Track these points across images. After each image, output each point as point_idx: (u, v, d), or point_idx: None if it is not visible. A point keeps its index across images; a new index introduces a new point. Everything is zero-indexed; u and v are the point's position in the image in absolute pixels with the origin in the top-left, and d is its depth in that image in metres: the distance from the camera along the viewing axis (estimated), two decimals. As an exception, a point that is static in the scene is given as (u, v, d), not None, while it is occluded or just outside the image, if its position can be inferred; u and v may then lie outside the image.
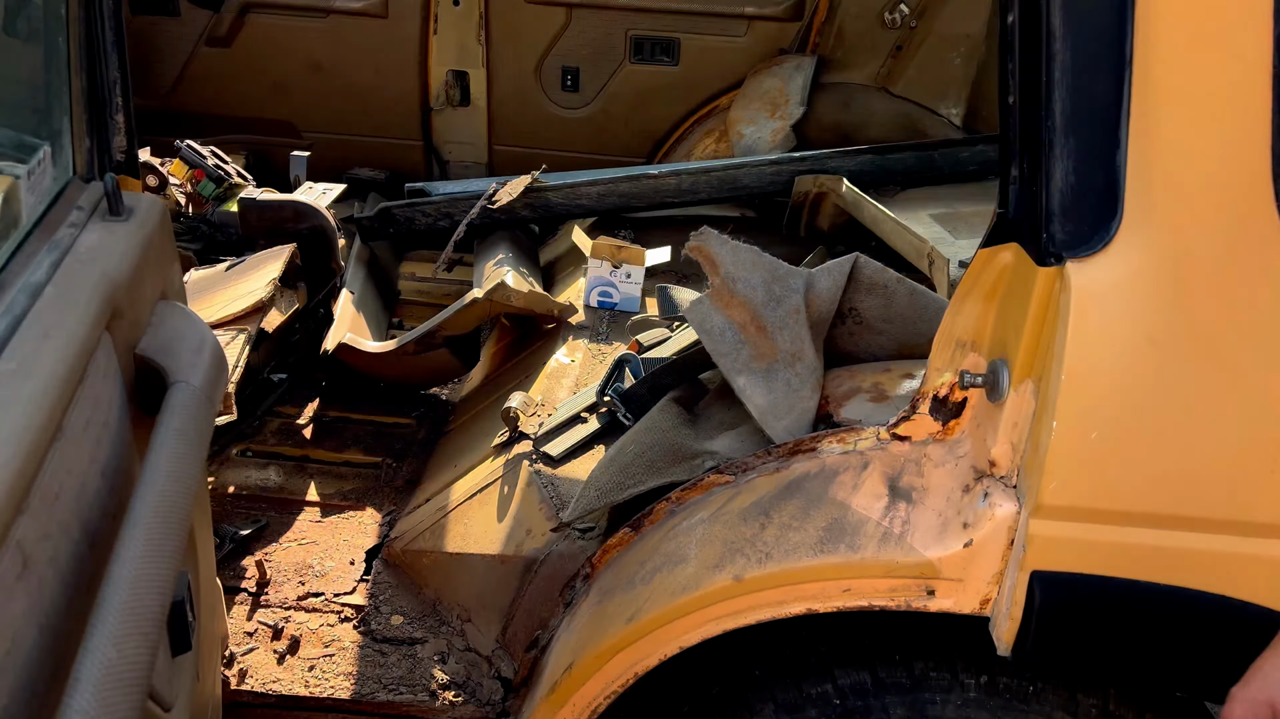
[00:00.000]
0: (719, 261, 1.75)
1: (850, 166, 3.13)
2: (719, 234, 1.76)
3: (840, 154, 3.16)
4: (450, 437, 2.66)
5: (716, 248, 1.76)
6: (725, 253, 1.76)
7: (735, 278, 1.75)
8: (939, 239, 2.62)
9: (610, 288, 2.83)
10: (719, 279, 1.75)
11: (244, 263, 2.62)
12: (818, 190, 3.13)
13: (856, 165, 3.13)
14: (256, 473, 2.52)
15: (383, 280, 3.41)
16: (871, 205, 2.84)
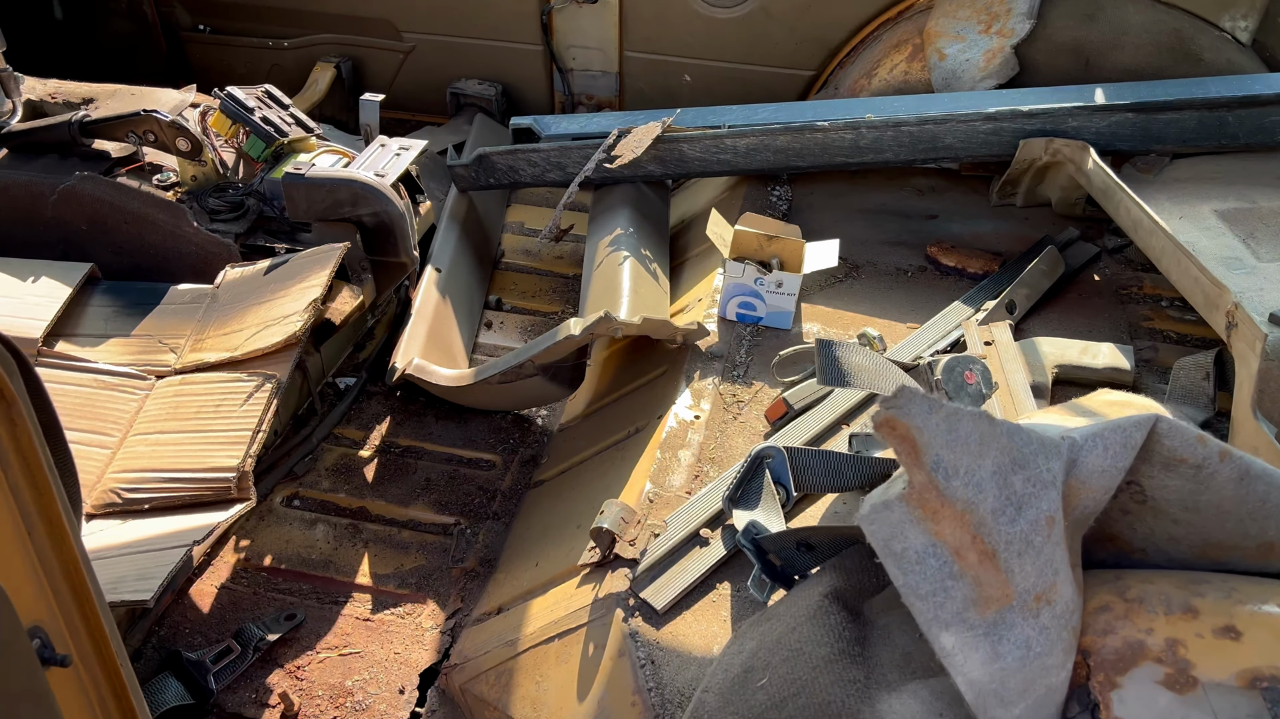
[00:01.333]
0: (924, 445, 1.05)
1: (1099, 128, 2.26)
2: (926, 397, 1.05)
3: (1085, 110, 2.28)
4: (541, 492, 2.09)
5: (921, 421, 1.05)
6: (935, 428, 1.05)
7: (951, 469, 1.05)
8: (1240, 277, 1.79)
9: (754, 299, 2.13)
10: (923, 473, 1.06)
11: (286, 264, 2.06)
12: (1050, 160, 2.29)
13: (1109, 126, 2.26)
14: (300, 534, 2.03)
15: (481, 238, 2.80)
16: (1128, 199, 2.01)
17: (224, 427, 1.78)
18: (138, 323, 2.04)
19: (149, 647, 1.80)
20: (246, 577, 1.95)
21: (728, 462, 1.82)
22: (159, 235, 2.19)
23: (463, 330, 2.46)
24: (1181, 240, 1.89)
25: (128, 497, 1.73)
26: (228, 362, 1.90)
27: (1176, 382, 1.89)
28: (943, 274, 2.33)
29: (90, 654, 1.18)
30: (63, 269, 2.11)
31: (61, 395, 1.88)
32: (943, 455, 1.06)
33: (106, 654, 1.19)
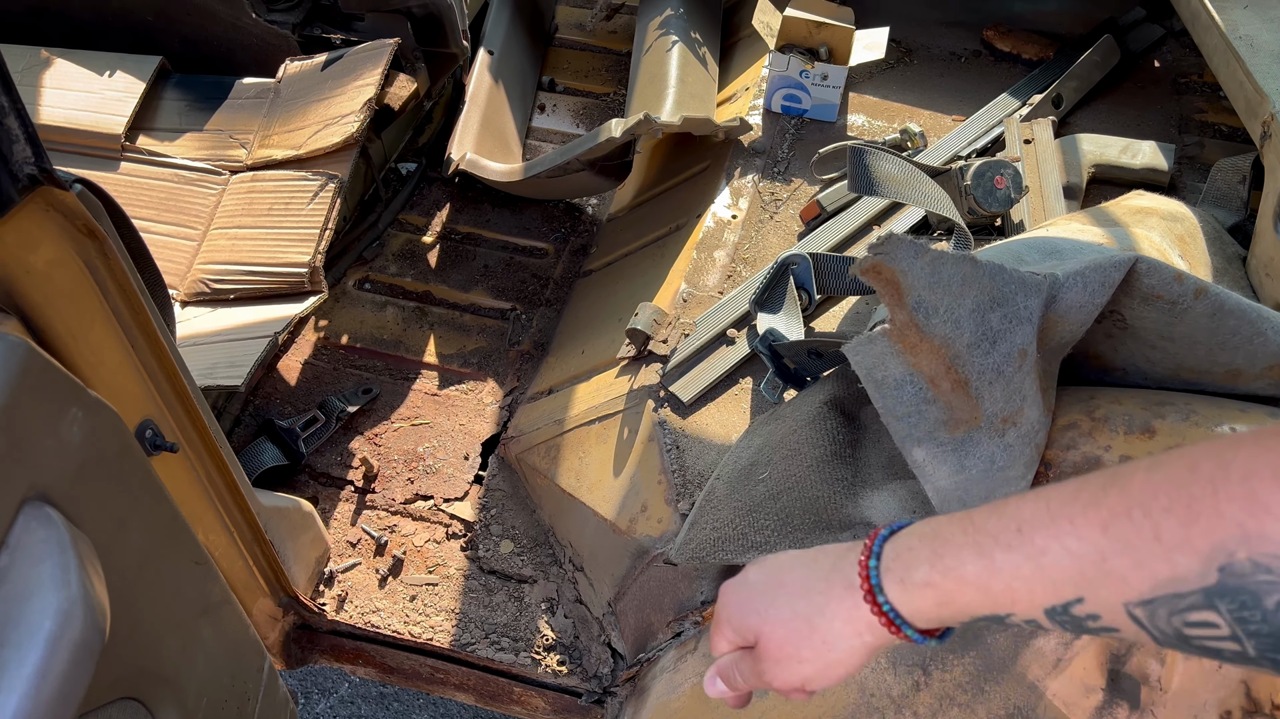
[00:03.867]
0: (908, 288, 1.15)
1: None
2: (913, 243, 1.13)
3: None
4: (589, 282, 2.24)
5: (906, 264, 1.14)
6: (919, 272, 1.14)
7: (931, 309, 1.15)
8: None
9: (799, 91, 2.14)
10: (904, 313, 1.16)
11: (341, 61, 2.13)
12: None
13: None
14: (372, 316, 2.23)
15: (534, 14, 2.79)
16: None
17: (294, 224, 1.94)
18: (208, 117, 2.16)
19: (246, 414, 2.06)
20: (326, 353, 2.17)
21: (761, 262, 1.93)
22: (220, 26, 2.26)
23: (516, 115, 2.53)
24: (1239, 34, 1.83)
25: (215, 287, 1.92)
26: (293, 159, 2.02)
27: (1213, 184, 1.90)
28: (997, 60, 2.29)
29: (195, 439, 1.40)
30: (135, 62, 2.21)
31: (148, 190, 2.05)
32: (924, 296, 1.16)
33: (208, 439, 1.42)
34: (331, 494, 1.97)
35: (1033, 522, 0.62)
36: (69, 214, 1.11)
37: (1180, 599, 0.55)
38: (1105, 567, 0.58)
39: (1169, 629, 0.57)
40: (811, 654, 0.73)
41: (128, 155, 2.09)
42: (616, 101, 2.70)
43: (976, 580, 0.65)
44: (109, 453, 1.01)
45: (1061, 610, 0.61)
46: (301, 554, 1.79)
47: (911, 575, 0.68)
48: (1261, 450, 0.53)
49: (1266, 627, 0.53)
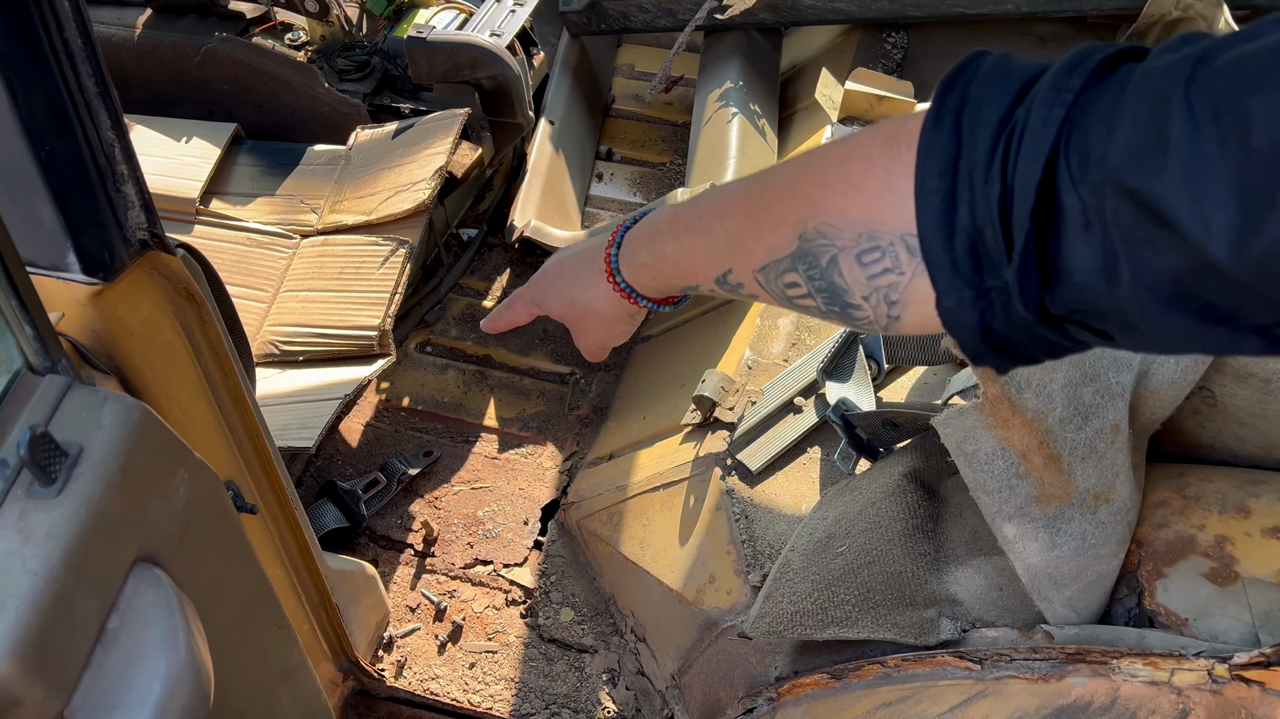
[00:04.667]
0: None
1: (1239, -20, 2.13)
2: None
3: (1227, -41, 2.15)
4: (648, 347, 2.25)
5: (999, 339, 1.14)
6: (1012, 345, 1.14)
7: (1024, 383, 1.15)
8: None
9: (861, 162, 2.16)
10: (996, 386, 1.15)
11: (412, 129, 2.18)
12: (1180, 15, 2.19)
13: (1250, -21, 2.13)
14: (433, 378, 2.25)
15: (592, 85, 2.85)
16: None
17: (364, 287, 1.97)
18: (280, 182, 2.21)
19: (308, 475, 2.07)
20: (388, 415, 2.19)
21: (825, 330, 1.93)
22: (294, 95, 2.33)
23: (575, 183, 2.57)
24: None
25: (284, 348, 1.95)
26: (363, 225, 2.06)
27: None
28: (1057, 134, 2.30)
29: (272, 501, 1.41)
30: (211, 129, 2.28)
31: (221, 253, 2.09)
32: (1017, 370, 1.15)
33: (284, 501, 1.42)
34: (391, 557, 1.97)
35: (710, 209, 0.75)
36: (172, 278, 1.13)
37: (779, 264, 0.67)
38: (741, 241, 0.71)
39: (776, 290, 0.69)
40: (594, 323, 0.93)
41: (202, 219, 2.14)
42: (673, 171, 2.73)
43: (673, 258, 0.79)
44: (209, 515, 1.01)
45: (721, 279, 0.74)
46: (363, 618, 1.78)
47: (634, 258, 0.84)
48: (844, 144, 0.64)
49: (823, 281, 0.65)
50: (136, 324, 1.11)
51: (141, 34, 2.38)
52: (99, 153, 0.97)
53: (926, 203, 0.56)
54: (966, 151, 0.55)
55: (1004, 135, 0.53)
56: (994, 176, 0.53)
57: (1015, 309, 0.54)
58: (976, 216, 0.54)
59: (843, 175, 0.62)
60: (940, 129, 0.56)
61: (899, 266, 0.60)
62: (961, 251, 0.55)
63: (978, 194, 0.54)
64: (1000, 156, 0.53)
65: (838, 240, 0.62)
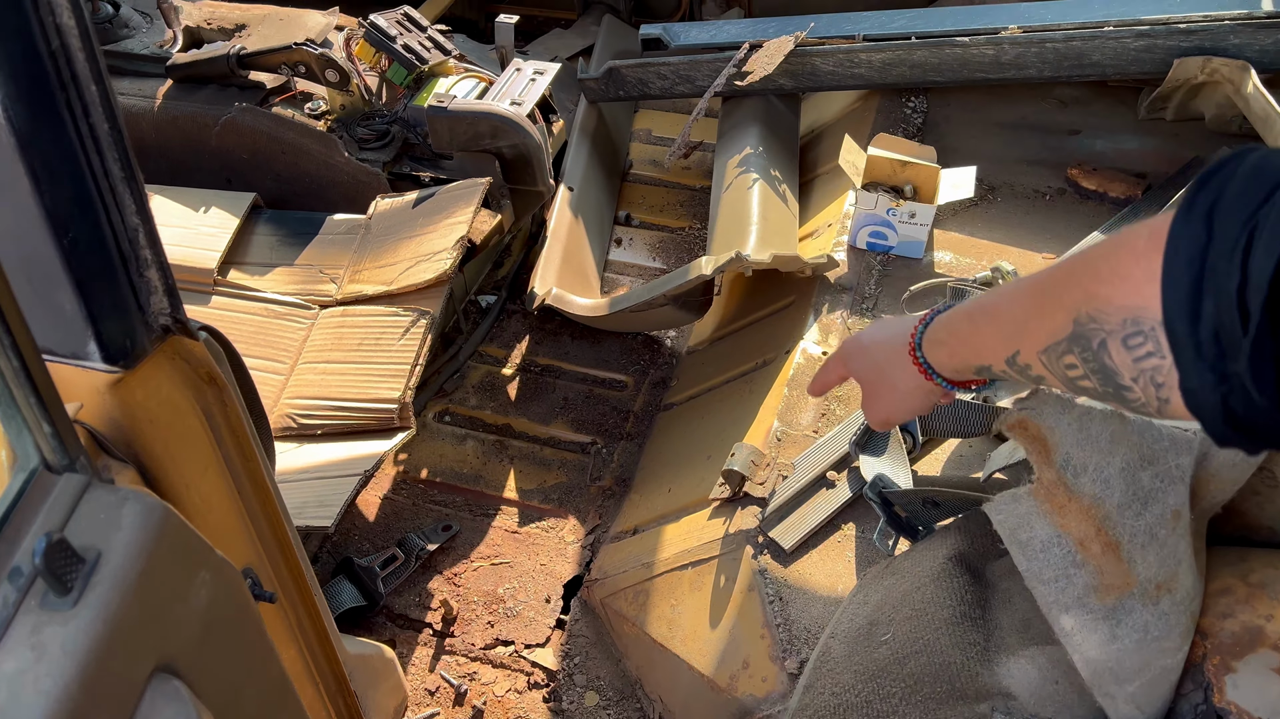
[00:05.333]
0: (1055, 444, 1.10)
1: (1264, 45, 2.12)
2: (1059, 398, 1.09)
3: (1249, 25, 2.13)
4: (672, 416, 2.20)
5: (1053, 421, 1.10)
6: (1066, 428, 1.10)
7: (1080, 467, 1.10)
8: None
9: (885, 228, 2.14)
10: (1051, 471, 1.10)
11: (433, 199, 2.16)
12: (1206, 79, 2.17)
13: (1275, 44, 2.12)
14: (452, 449, 2.20)
15: (610, 151, 2.84)
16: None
17: (384, 359, 1.93)
18: (299, 252, 2.19)
19: (324, 551, 2.02)
20: (406, 488, 2.14)
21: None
22: (314, 164, 2.32)
23: (594, 249, 2.55)
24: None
25: (302, 422, 1.91)
26: (383, 295, 2.04)
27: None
28: (1083, 198, 2.27)
29: (290, 587, 1.36)
30: (230, 198, 2.27)
31: (238, 324, 2.06)
32: (1072, 454, 1.10)
33: (303, 587, 1.37)
34: (409, 637, 1.91)
35: (1005, 296, 0.84)
36: (194, 362, 1.10)
37: (1058, 347, 0.73)
38: (1027, 325, 0.78)
39: (1059, 371, 0.75)
40: (888, 394, 1.03)
41: (220, 289, 2.12)
42: (691, 235, 2.71)
43: (967, 338, 0.89)
44: (230, 615, 0.97)
45: (1010, 360, 0.81)
46: (381, 704, 1.71)
47: (935, 337, 0.94)
48: (1114, 236, 0.69)
49: (1096, 363, 0.70)
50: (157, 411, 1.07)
51: (161, 104, 2.38)
52: (123, 239, 0.94)
53: (1173, 289, 0.61)
54: (1215, 244, 0.59)
55: (1249, 230, 0.57)
56: (1235, 268, 0.57)
57: (1253, 394, 0.57)
58: (1219, 305, 0.58)
59: (1111, 265, 0.68)
60: (1191, 221, 0.60)
61: (1160, 350, 0.64)
62: (1206, 337, 0.59)
63: (1220, 284, 0.58)
64: (1242, 249, 0.57)
65: (1106, 325, 0.68)
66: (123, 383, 1.00)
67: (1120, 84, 2.52)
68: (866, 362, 1.06)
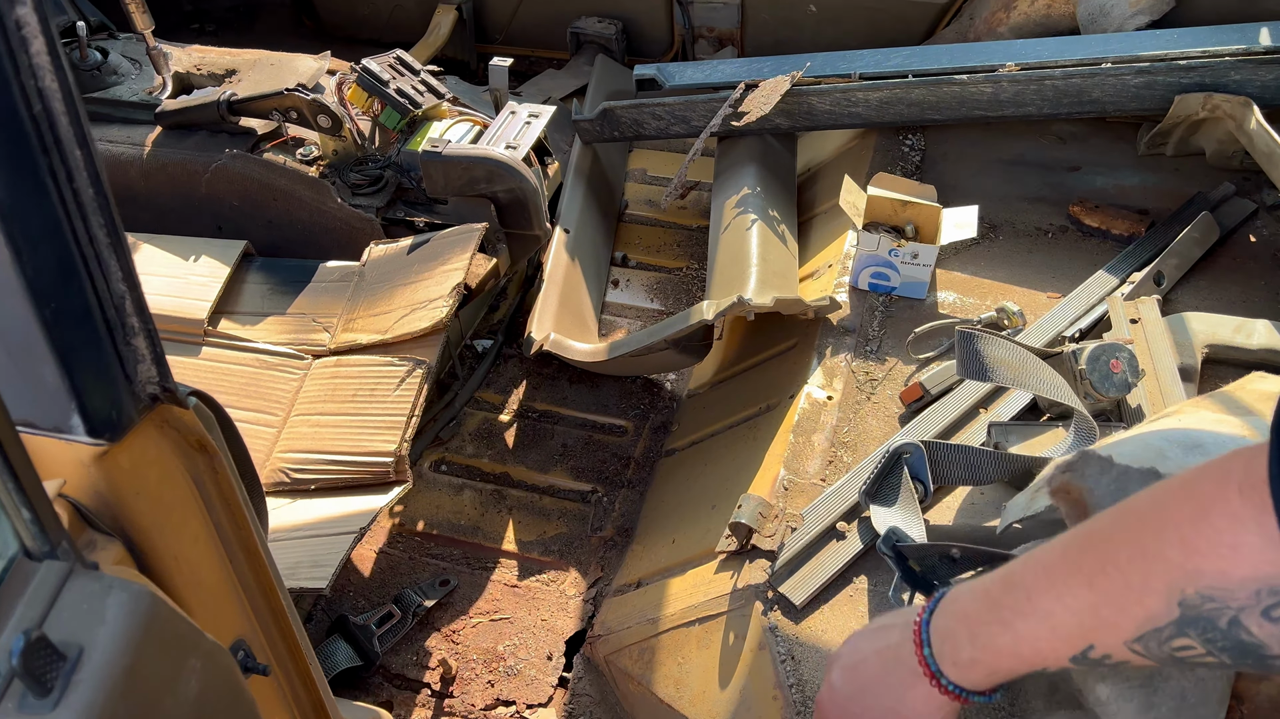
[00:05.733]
0: (1094, 506, 1.06)
1: (1265, 81, 2.11)
2: (1099, 459, 1.05)
3: (1250, 61, 2.12)
4: (674, 462, 2.15)
5: (1093, 482, 1.05)
6: (1105, 489, 1.06)
7: (1106, 526, 1.05)
8: None
9: (888, 269, 2.11)
10: (1078, 531, 1.06)
11: (428, 244, 2.12)
12: (1207, 116, 2.16)
13: (1275, 80, 2.10)
14: (449, 500, 2.15)
15: (606, 192, 2.82)
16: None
17: (379, 410, 1.89)
18: (291, 300, 2.15)
19: (318, 609, 1.96)
20: (402, 541, 2.09)
21: (862, 446, 1.84)
22: (306, 211, 2.28)
23: (591, 291, 2.51)
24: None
25: (295, 477, 1.86)
26: (378, 344, 1.99)
27: (1339, 365, 1.81)
28: (1085, 235, 2.25)
29: (285, 657, 1.30)
30: (220, 247, 2.23)
31: (229, 376, 2.02)
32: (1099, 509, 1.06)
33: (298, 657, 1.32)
34: (407, 698, 1.84)
35: (1035, 588, 0.75)
36: (184, 430, 1.05)
37: (1160, 633, 0.67)
38: (1099, 616, 0.70)
39: (1163, 654, 0.69)
40: None
41: (210, 340, 2.07)
42: (689, 275, 2.68)
43: (1010, 650, 0.78)
44: (222, 700, 0.91)
45: (1081, 657, 0.74)
46: (379, 770, 1.65)
47: (960, 656, 0.82)
48: (1186, 498, 0.64)
49: (1229, 642, 0.64)
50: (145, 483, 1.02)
51: (150, 152, 2.35)
52: (109, 307, 0.90)
53: None
54: None
55: None
56: None
57: None
58: None
59: (1208, 536, 0.62)
60: None
61: None
62: None
63: None
64: None
65: (1232, 601, 0.62)
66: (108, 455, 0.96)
67: (1118, 120, 2.51)
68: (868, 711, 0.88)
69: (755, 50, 3.30)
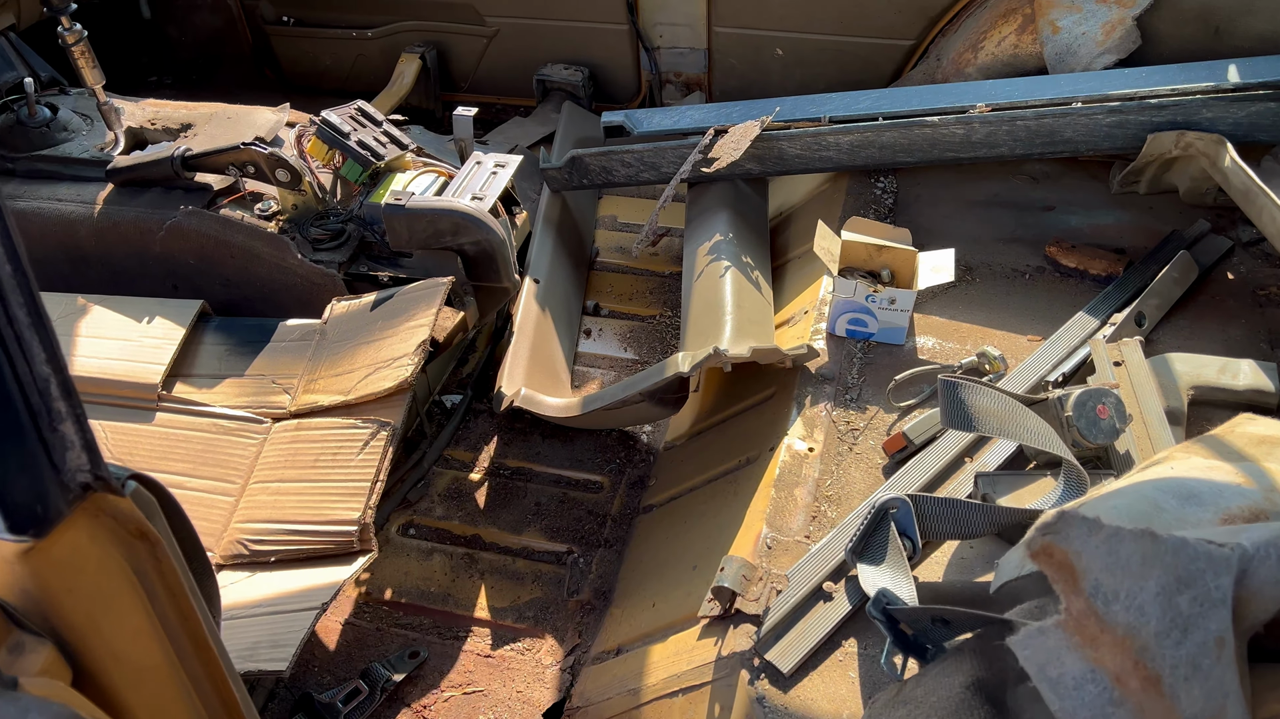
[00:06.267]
0: (1083, 570, 1.00)
1: (1237, 118, 2.10)
2: (1084, 519, 1.00)
3: (1221, 98, 2.11)
4: (652, 519, 2.08)
5: (1080, 545, 1.00)
6: (1094, 551, 1.00)
7: (1111, 594, 1.00)
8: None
9: (865, 315, 2.06)
10: (1080, 600, 1.00)
11: (392, 300, 2.06)
12: (1180, 154, 2.14)
13: (1247, 117, 2.09)
14: (418, 565, 2.06)
15: (576, 240, 2.76)
16: (1273, 205, 1.87)
17: (342, 476, 1.80)
18: (250, 361, 2.07)
19: (280, 687, 1.86)
20: (369, 611, 1.99)
21: (846, 500, 1.78)
22: (265, 268, 2.21)
23: (563, 342, 2.45)
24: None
25: (254, 548, 1.77)
26: (340, 405, 1.91)
27: (1328, 405, 1.77)
28: (1063, 276, 2.22)
29: (240, 756, 1.21)
30: (175, 307, 2.15)
31: (184, 442, 1.93)
32: (1102, 580, 1.00)
33: (255, 754, 1.22)
34: (376, 780, 1.74)
35: None
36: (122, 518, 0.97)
37: None
38: None
39: None
40: None
41: (164, 405, 1.99)
42: (663, 323, 2.62)
43: None
44: (158, 827, 0.83)
45: None
46: None
47: None
48: None
49: None
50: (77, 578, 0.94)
51: (102, 210, 2.27)
52: (32, 392, 0.83)
53: None
54: None
55: None
56: None
57: None
58: None
59: None
60: None
61: None
62: None
63: None
64: None
65: None
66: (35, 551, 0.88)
67: (1090, 159, 2.49)
68: None
69: (723, 94, 3.28)
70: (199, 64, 3.75)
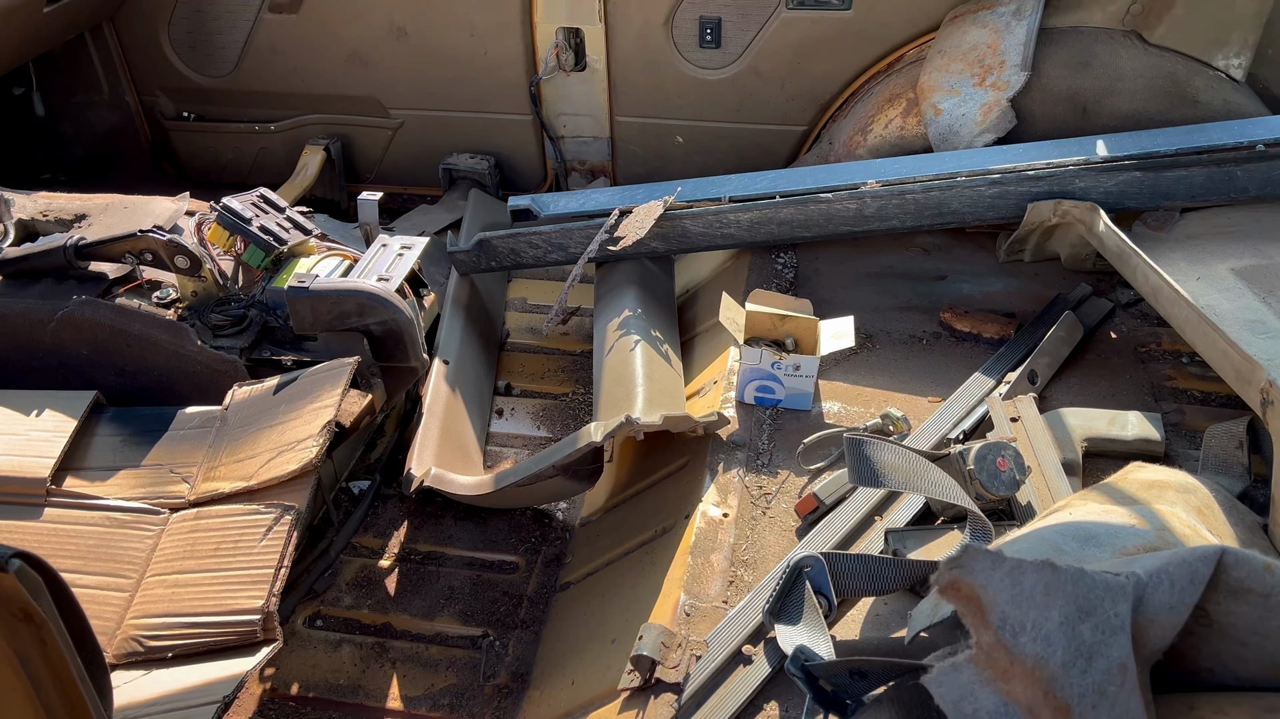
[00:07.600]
0: (989, 604, 1.02)
1: (1107, 187, 2.24)
2: (989, 554, 1.02)
3: (1093, 170, 2.26)
4: (569, 596, 2.05)
5: (985, 578, 1.02)
6: (999, 585, 1.02)
7: (1018, 626, 1.02)
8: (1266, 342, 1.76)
9: (772, 382, 2.10)
10: (989, 633, 1.02)
11: (295, 383, 2.02)
12: (1059, 221, 2.27)
13: (1117, 185, 2.24)
14: (326, 658, 1.98)
15: (486, 322, 2.76)
16: (1145, 265, 1.99)
17: (244, 563, 1.74)
18: (147, 451, 1.99)
19: (179, 795, 1.74)
20: (274, 708, 1.90)
21: (761, 563, 1.79)
22: (162, 356, 2.15)
23: (474, 422, 2.43)
24: (1202, 304, 1.87)
25: (150, 644, 1.68)
26: (243, 491, 1.85)
27: (1209, 451, 1.86)
28: (959, 340, 2.30)
29: None
30: (66, 399, 2.07)
31: (74, 538, 1.84)
32: (1009, 612, 1.02)
33: None
34: None
35: None
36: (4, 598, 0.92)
37: None
38: None
39: None
40: None
41: (54, 500, 1.90)
42: (575, 401, 2.63)
43: None
44: None
45: None
46: None
47: None
48: None
49: None
50: (-48, 665, 0.88)
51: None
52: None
53: None
54: None
55: None
56: None
57: None
58: None
59: None
60: None
61: None
62: None
63: None
64: None
65: None
66: (-96, 634, 0.83)
67: (978, 230, 2.62)
68: None
69: (627, 180, 3.36)
70: (95, 160, 3.68)
